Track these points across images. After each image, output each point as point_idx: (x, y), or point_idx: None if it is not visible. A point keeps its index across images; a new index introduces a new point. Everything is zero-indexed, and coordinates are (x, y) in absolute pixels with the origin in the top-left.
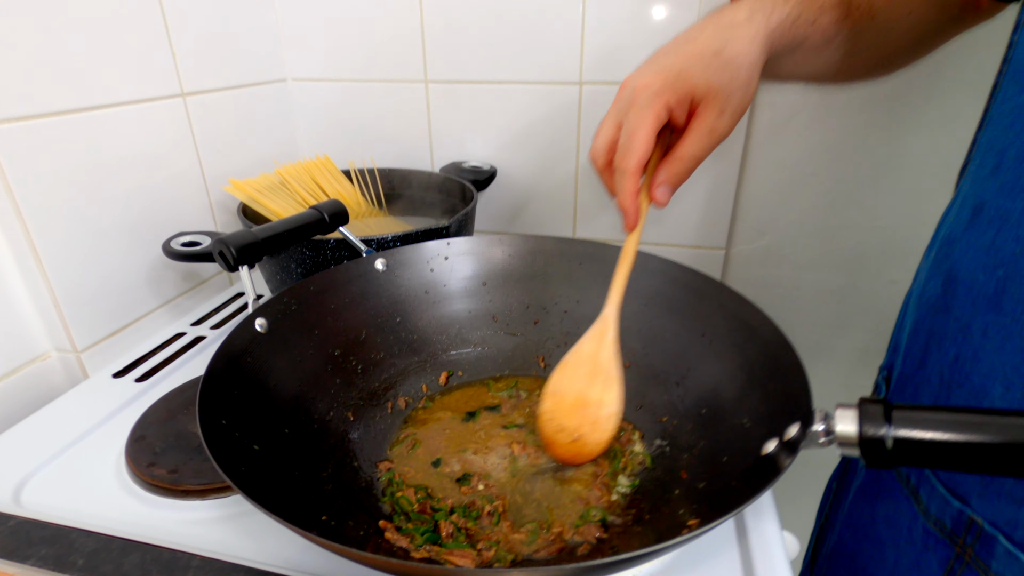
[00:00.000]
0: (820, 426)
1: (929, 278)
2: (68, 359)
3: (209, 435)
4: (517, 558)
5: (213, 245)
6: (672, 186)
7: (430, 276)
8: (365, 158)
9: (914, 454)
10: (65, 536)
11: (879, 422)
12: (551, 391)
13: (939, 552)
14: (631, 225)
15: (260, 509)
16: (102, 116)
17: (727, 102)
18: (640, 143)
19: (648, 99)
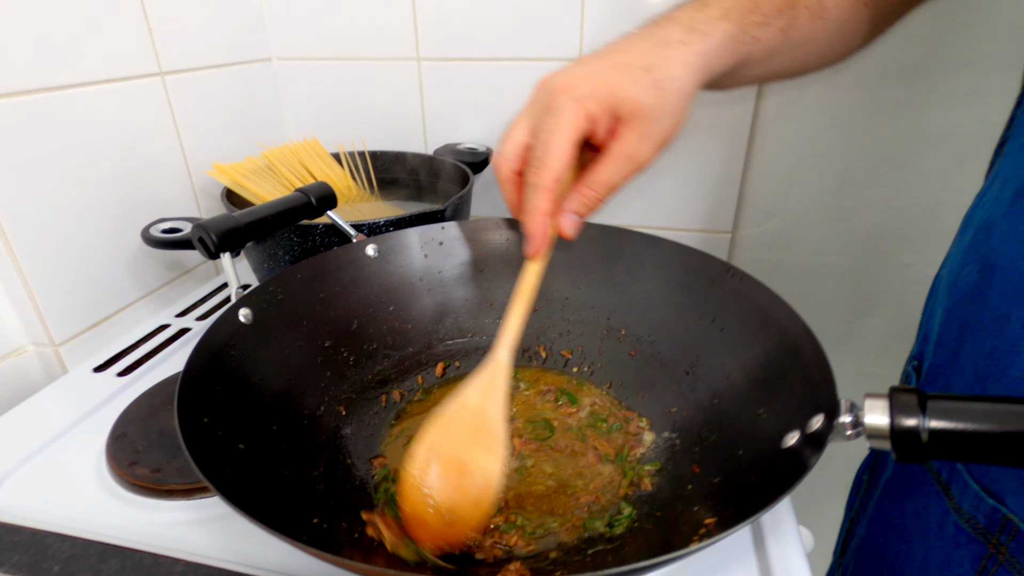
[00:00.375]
0: (847, 418)
1: (963, 264)
2: (46, 353)
3: (189, 435)
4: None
5: (192, 231)
6: (581, 215)
7: (424, 262)
8: (355, 140)
9: (951, 447)
10: (40, 541)
11: (912, 412)
12: (424, 449)
13: (971, 550)
14: (535, 251)
15: (244, 516)
16: (73, 96)
17: (652, 126)
18: (557, 155)
19: (569, 104)
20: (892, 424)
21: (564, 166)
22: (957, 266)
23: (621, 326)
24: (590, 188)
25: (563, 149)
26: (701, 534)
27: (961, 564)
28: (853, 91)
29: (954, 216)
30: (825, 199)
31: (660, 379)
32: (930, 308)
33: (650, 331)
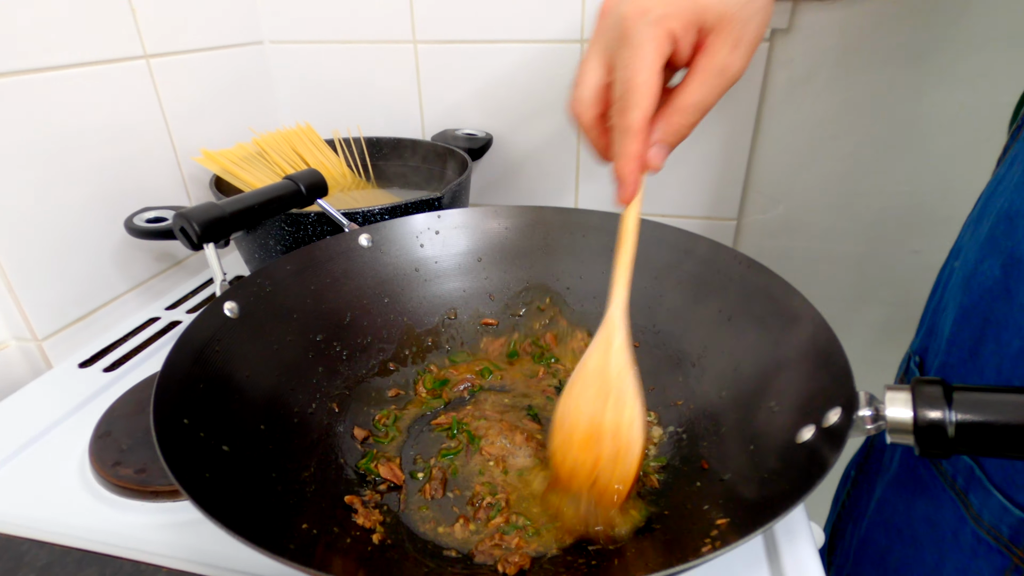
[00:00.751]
0: (867, 411)
1: (983, 258)
2: (29, 348)
3: (165, 438)
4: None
5: (174, 221)
6: (670, 145)
7: (420, 252)
8: (350, 126)
9: (979, 441)
10: (15, 548)
11: (937, 405)
12: (559, 423)
13: (992, 561)
14: (628, 196)
15: (224, 529)
16: (50, 79)
17: (744, 29)
18: (645, 90)
19: (647, 28)
20: (916, 417)
21: (653, 102)
22: (975, 259)
23: None
24: (679, 112)
25: (649, 83)
26: (713, 536)
27: (980, 574)
28: (862, 73)
29: (965, 201)
30: (832, 185)
31: (666, 371)
32: (937, 300)
33: (654, 321)
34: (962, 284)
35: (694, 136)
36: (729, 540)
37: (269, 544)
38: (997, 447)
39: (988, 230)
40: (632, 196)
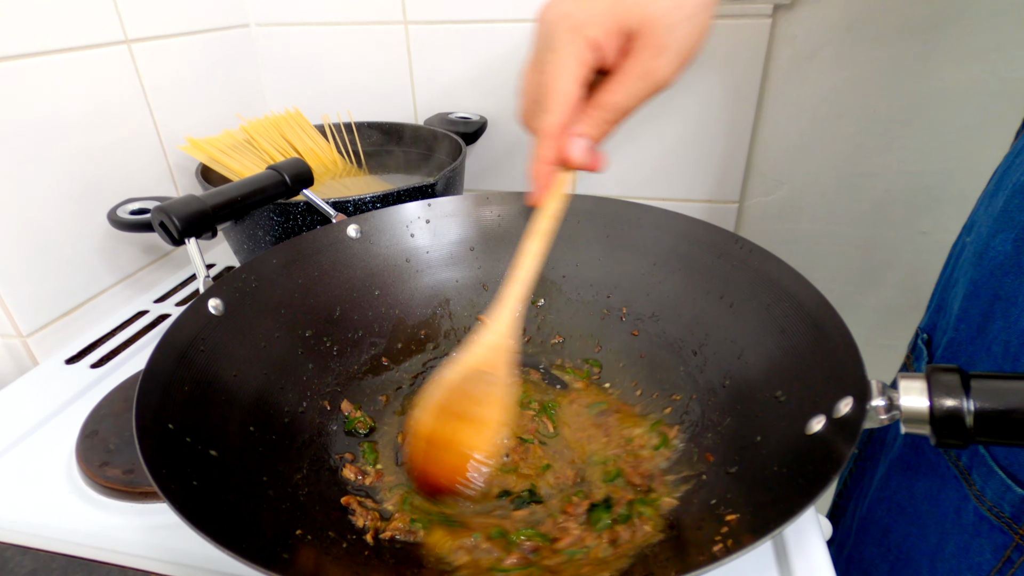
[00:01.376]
0: (880, 401)
1: (996, 232)
2: (13, 345)
3: (149, 446)
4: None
5: (154, 215)
6: (593, 139)
7: (411, 242)
8: (340, 111)
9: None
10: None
11: (954, 393)
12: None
13: (994, 538)
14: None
15: (214, 544)
16: (26, 67)
17: (668, 36)
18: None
19: (566, 35)
20: (932, 407)
21: (566, 108)
22: (988, 233)
23: (622, 304)
24: (600, 110)
25: (563, 89)
26: (724, 533)
27: (981, 552)
28: (869, 49)
29: (973, 179)
30: (837, 165)
31: (666, 360)
32: (948, 277)
33: (654, 310)
34: (974, 259)
35: (694, 117)
36: (742, 539)
37: (260, 556)
38: (1018, 435)
39: (1003, 203)
40: (540, 197)
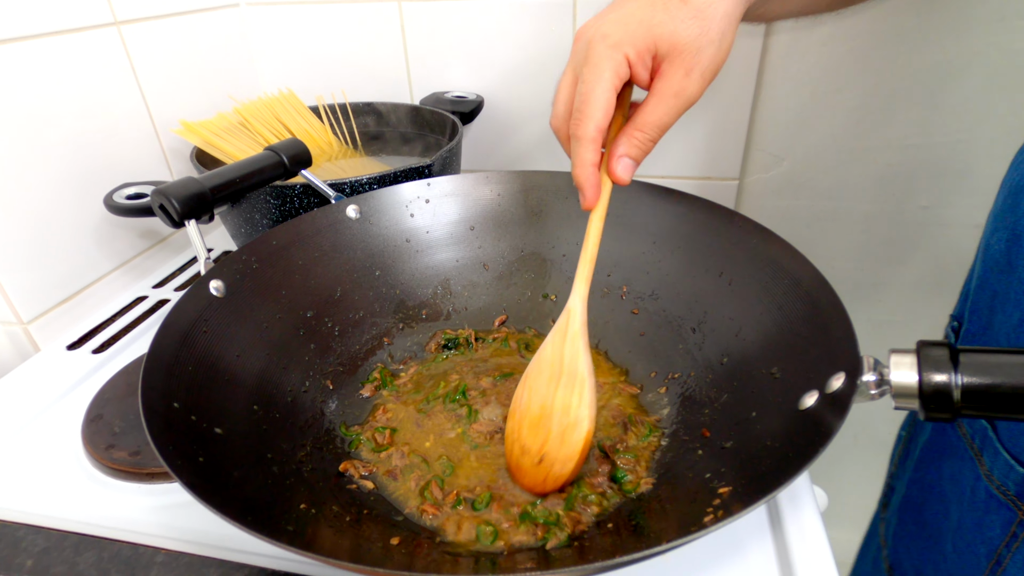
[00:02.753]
0: (871, 376)
1: (995, 229)
2: (14, 332)
3: (155, 423)
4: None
5: (152, 198)
6: (635, 160)
7: (410, 222)
8: (335, 92)
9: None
10: (11, 534)
11: (943, 368)
12: (514, 408)
13: (1001, 515)
14: (589, 203)
15: (219, 515)
16: (14, 51)
17: (695, 59)
18: (597, 104)
19: (605, 51)
20: (921, 381)
21: (604, 115)
22: (989, 231)
23: (622, 283)
24: (639, 130)
25: (601, 98)
26: (716, 504)
27: (992, 527)
28: (870, 20)
29: (975, 153)
30: (838, 139)
31: (665, 338)
32: (972, 270)
33: (653, 288)
34: (981, 255)
35: None
36: (732, 509)
37: (266, 528)
38: (1004, 409)
39: (1000, 202)
40: (593, 202)
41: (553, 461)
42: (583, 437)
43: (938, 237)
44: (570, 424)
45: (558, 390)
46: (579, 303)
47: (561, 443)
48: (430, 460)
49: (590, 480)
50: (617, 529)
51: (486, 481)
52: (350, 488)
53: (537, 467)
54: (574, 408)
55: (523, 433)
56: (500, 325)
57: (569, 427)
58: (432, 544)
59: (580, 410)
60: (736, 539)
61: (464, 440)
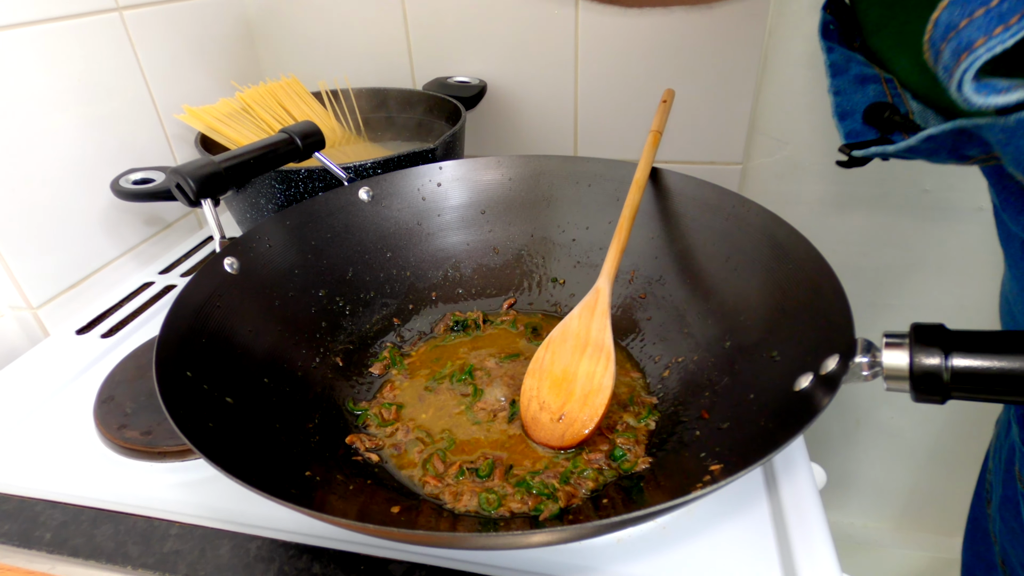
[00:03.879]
0: (863, 358)
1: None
2: (24, 317)
3: (167, 388)
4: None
5: (169, 178)
6: None
7: (422, 205)
8: (337, 77)
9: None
10: (29, 509)
11: (934, 351)
12: (533, 368)
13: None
14: None
15: (222, 471)
16: (21, 36)
17: None
18: None
19: None
20: (912, 364)
21: None
22: None
23: (630, 267)
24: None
25: None
26: (706, 480)
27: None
28: None
29: None
30: None
31: (670, 322)
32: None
33: (661, 272)
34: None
35: (696, 77)
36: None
37: (272, 489)
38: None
39: None
40: None
41: (573, 420)
42: (604, 402)
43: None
44: (593, 390)
45: (583, 359)
46: (607, 284)
47: (583, 405)
48: (434, 435)
49: (588, 456)
50: (612, 503)
51: (489, 455)
52: (356, 460)
53: (556, 424)
54: (598, 376)
55: (543, 391)
56: (508, 308)
57: (592, 392)
58: (433, 511)
59: (604, 379)
60: (734, 507)
61: (468, 417)
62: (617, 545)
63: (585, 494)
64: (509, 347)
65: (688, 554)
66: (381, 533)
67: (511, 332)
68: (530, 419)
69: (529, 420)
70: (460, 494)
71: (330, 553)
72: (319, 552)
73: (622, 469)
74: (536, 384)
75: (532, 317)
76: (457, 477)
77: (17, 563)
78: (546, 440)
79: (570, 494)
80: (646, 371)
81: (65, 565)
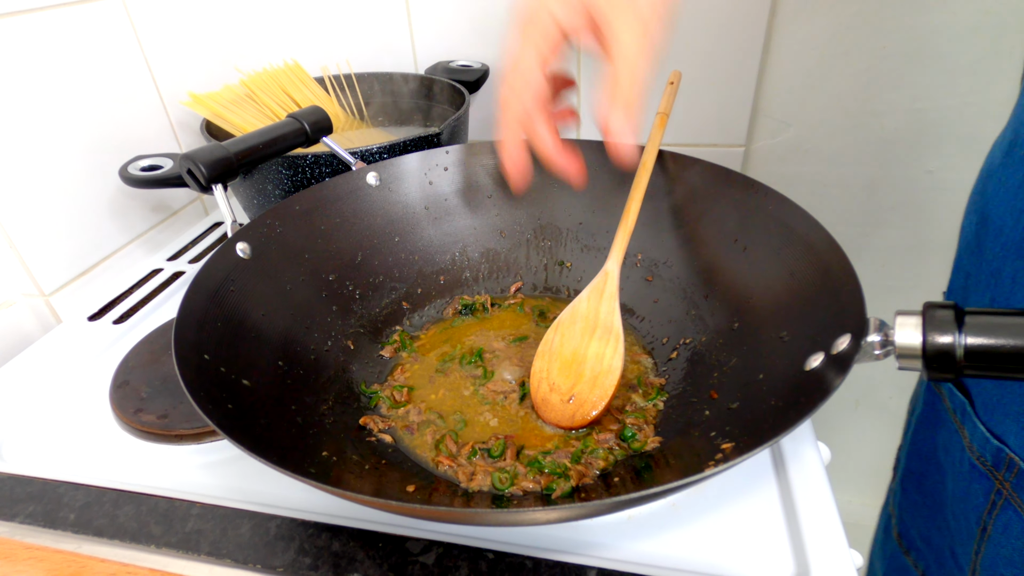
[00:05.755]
0: (876, 336)
1: (969, 212)
2: (37, 304)
3: (187, 372)
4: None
5: (180, 163)
6: (632, 128)
7: (429, 190)
8: (339, 62)
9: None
10: (52, 491)
11: (948, 329)
12: (543, 350)
13: (983, 484)
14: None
15: (245, 451)
16: (24, 23)
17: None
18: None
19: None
20: (925, 342)
21: (532, 95)
22: (967, 211)
23: (637, 251)
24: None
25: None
26: (717, 459)
27: (976, 497)
28: None
29: (981, 116)
30: (845, 104)
31: (678, 304)
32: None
33: (668, 255)
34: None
35: (699, 58)
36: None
37: (292, 467)
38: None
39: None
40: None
41: (583, 401)
42: (614, 384)
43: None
44: (603, 371)
45: (592, 340)
46: (616, 267)
47: (593, 386)
48: (445, 416)
49: (597, 437)
50: (623, 482)
51: (500, 435)
52: (369, 440)
53: (566, 405)
54: (607, 358)
55: (552, 372)
56: (516, 291)
57: (602, 374)
58: (448, 490)
59: (613, 360)
60: (743, 486)
61: (478, 398)
62: (628, 522)
63: (596, 473)
64: (517, 330)
65: (698, 531)
66: (402, 510)
67: (519, 315)
68: (540, 400)
69: (539, 401)
70: (473, 474)
71: (348, 531)
72: (338, 530)
73: (632, 448)
74: (546, 366)
75: (539, 300)
76: (470, 457)
77: (44, 542)
78: (557, 421)
79: (581, 473)
80: (654, 352)
81: (91, 545)
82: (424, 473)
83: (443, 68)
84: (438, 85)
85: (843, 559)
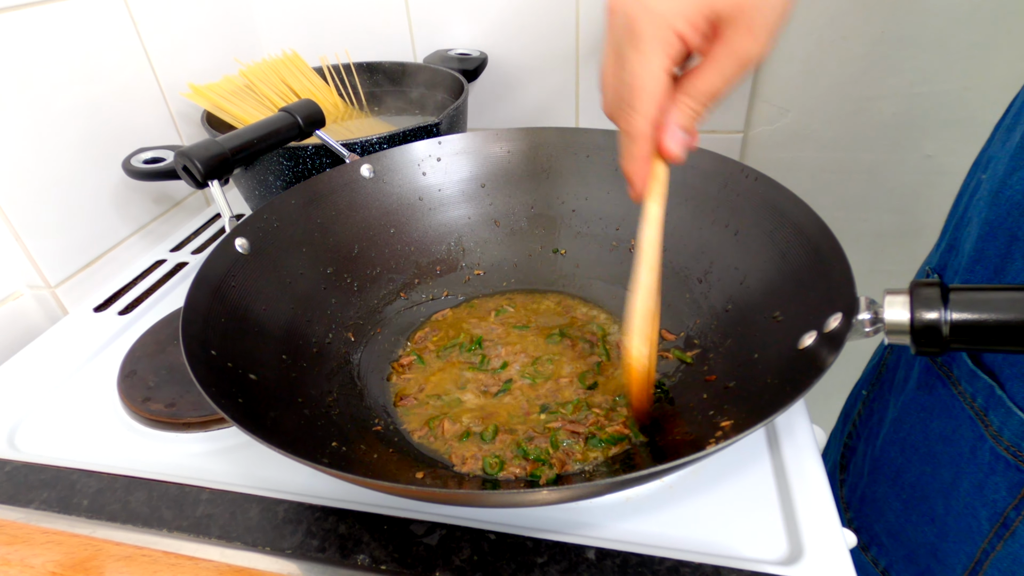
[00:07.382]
0: (866, 315)
1: (1013, 169)
2: (43, 296)
3: (198, 368)
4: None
5: (176, 160)
6: (688, 129)
7: (423, 181)
8: (338, 52)
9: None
10: (66, 478)
11: (934, 306)
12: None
13: (1010, 477)
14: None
15: (261, 442)
16: (24, 17)
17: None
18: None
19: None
20: (913, 319)
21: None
22: (1004, 171)
23: (631, 237)
24: (691, 97)
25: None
26: (718, 436)
27: (997, 490)
28: None
29: (981, 100)
30: (843, 89)
31: (672, 289)
32: (962, 215)
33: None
34: (989, 197)
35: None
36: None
37: (306, 455)
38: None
39: (1019, 139)
40: (639, 194)
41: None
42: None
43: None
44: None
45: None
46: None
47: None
48: (444, 401)
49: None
50: (624, 463)
51: (494, 420)
52: (375, 430)
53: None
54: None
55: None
56: (511, 280)
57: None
58: (453, 476)
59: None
60: (738, 467)
61: (476, 384)
62: (626, 504)
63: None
64: (515, 318)
65: (694, 512)
66: (411, 493)
67: (515, 303)
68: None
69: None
70: (465, 458)
71: (354, 514)
72: (344, 514)
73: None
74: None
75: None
76: (462, 439)
77: (59, 527)
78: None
79: (562, 461)
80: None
81: (105, 529)
82: (426, 459)
83: (442, 57)
84: (437, 74)
85: (836, 538)
